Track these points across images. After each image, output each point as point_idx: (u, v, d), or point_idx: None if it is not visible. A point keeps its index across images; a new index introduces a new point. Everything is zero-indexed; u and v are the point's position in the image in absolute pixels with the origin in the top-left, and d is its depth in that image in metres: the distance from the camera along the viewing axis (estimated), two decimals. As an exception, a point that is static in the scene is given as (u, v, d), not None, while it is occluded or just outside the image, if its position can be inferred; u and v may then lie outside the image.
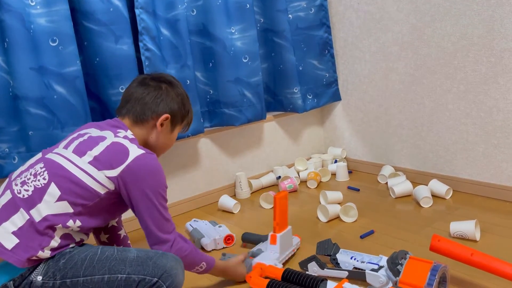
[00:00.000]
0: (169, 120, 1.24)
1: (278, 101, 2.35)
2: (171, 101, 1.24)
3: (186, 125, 1.33)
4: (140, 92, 1.22)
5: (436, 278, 1.11)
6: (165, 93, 1.24)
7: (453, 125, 1.95)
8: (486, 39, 1.77)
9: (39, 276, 1.00)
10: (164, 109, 1.22)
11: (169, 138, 1.28)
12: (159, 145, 1.27)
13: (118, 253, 1.04)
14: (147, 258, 1.03)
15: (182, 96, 1.27)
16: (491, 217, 1.70)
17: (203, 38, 2.02)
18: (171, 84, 1.27)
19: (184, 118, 1.29)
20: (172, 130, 1.27)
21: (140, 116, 1.21)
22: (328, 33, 2.37)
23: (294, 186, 2.19)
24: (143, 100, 1.22)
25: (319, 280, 1.21)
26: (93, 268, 1.01)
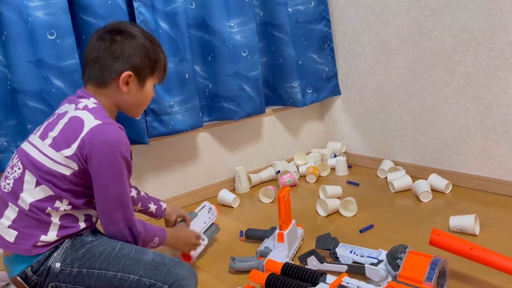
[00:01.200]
0: (133, 77, 1.11)
1: (277, 95, 2.34)
2: (131, 54, 1.09)
3: (159, 76, 1.19)
4: (95, 51, 1.10)
5: (435, 272, 1.11)
6: (121, 47, 1.09)
7: (453, 119, 1.95)
8: (486, 32, 1.76)
9: (57, 263, 1.02)
10: (123, 66, 1.09)
11: (141, 95, 1.15)
12: (132, 105, 1.16)
13: (135, 253, 1.04)
14: (161, 264, 1.02)
15: (144, 45, 1.11)
16: (490, 211, 1.70)
17: (202, 31, 2.01)
18: (128, 35, 1.11)
19: (154, 69, 1.15)
20: (143, 86, 1.14)
21: (100, 80, 1.10)
22: (328, 27, 2.36)
23: (294, 181, 2.19)
24: (99, 61, 1.09)
25: (318, 274, 1.21)
26: (108, 263, 1.02)
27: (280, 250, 1.44)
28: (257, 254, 1.46)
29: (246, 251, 1.58)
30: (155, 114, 1.83)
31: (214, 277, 1.42)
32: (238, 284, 1.35)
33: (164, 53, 1.18)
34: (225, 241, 1.67)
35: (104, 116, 1.06)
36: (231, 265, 1.43)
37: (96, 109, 1.07)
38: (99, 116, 1.04)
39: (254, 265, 1.41)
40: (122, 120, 1.73)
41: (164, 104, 1.84)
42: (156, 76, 1.17)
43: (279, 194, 1.44)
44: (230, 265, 1.43)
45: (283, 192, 1.45)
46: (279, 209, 1.44)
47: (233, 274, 1.43)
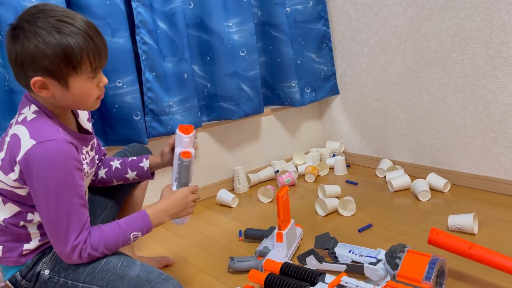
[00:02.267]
0: (49, 80, 0.92)
1: (275, 95, 2.34)
2: (34, 58, 0.89)
3: (90, 66, 0.94)
4: (8, 53, 0.94)
5: (434, 271, 1.11)
6: (21, 50, 0.90)
7: (451, 118, 1.95)
8: (484, 32, 1.76)
9: (46, 270, 1.01)
10: (30, 72, 0.91)
11: (71, 96, 0.95)
12: (70, 105, 1.00)
13: (121, 268, 0.99)
14: (146, 281, 0.96)
15: (47, 43, 0.89)
16: (489, 210, 1.70)
17: (200, 31, 2.01)
18: (28, 31, 0.89)
19: (74, 65, 0.91)
20: (67, 86, 0.94)
21: (20, 84, 0.96)
22: (326, 27, 2.36)
23: (292, 180, 2.19)
24: (10, 64, 0.94)
25: (317, 273, 1.21)
26: (93, 277, 0.98)
27: (279, 250, 1.44)
28: (256, 254, 1.46)
29: (245, 251, 1.58)
30: (154, 114, 1.83)
31: (213, 277, 1.42)
32: (237, 284, 1.35)
33: (85, 37, 0.92)
34: (224, 241, 1.68)
35: (42, 130, 0.94)
36: (230, 265, 1.43)
37: (35, 120, 0.95)
38: (36, 132, 0.93)
39: (253, 265, 1.41)
40: (118, 119, 1.76)
41: (163, 104, 1.84)
42: (84, 70, 0.94)
43: (278, 193, 1.44)
44: (229, 265, 1.43)
45: (282, 192, 1.45)
46: (278, 208, 1.45)
47: (232, 274, 1.43)
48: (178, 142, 1.17)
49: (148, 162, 1.27)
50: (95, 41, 0.94)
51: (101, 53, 0.96)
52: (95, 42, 0.94)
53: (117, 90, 1.72)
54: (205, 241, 1.69)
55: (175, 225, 1.85)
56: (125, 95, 1.74)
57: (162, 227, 1.85)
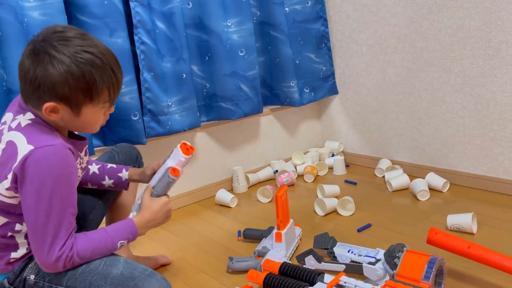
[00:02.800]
0: (62, 106, 0.93)
1: (275, 95, 2.34)
2: (54, 85, 0.90)
3: (105, 99, 0.96)
4: (20, 70, 0.94)
5: (433, 271, 1.11)
6: (41, 74, 0.90)
7: (450, 118, 1.95)
8: (483, 31, 1.76)
9: (32, 275, 1.01)
10: (45, 96, 0.91)
11: (79, 122, 0.97)
12: (73, 128, 1.01)
13: (103, 267, 0.98)
14: (129, 278, 0.95)
15: (71, 73, 0.89)
16: (488, 210, 1.70)
17: (199, 31, 2.00)
18: (52, 58, 0.90)
19: (92, 97, 0.93)
20: (78, 114, 0.95)
21: (27, 101, 0.96)
22: (325, 26, 2.36)
23: (291, 180, 2.18)
24: (22, 83, 0.94)
25: (316, 273, 1.21)
26: (75, 280, 0.97)
27: (278, 250, 1.44)
28: (255, 254, 1.46)
29: (244, 251, 1.58)
30: (152, 114, 1.83)
31: (212, 277, 1.42)
32: (236, 284, 1.35)
33: (108, 72, 0.94)
34: (223, 241, 1.67)
35: (40, 136, 0.93)
36: (229, 265, 1.43)
37: (31, 126, 0.94)
38: (33, 137, 0.92)
39: (252, 265, 1.41)
40: (117, 119, 1.75)
41: (161, 104, 1.84)
42: (99, 101, 0.96)
43: (276, 193, 1.43)
44: (228, 265, 1.43)
45: (281, 192, 1.45)
46: (277, 208, 1.44)
47: (231, 274, 1.43)
48: (174, 156, 1.17)
49: (127, 173, 1.26)
50: (116, 75, 0.96)
51: (119, 87, 0.99)
52: (117, 76, 0.96)
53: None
54: (204, 241, 1.69)
55: (174, 226, 1.85)
56: (123, 95, 1.73)
57: (161, 228, 1.84)
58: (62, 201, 0.92)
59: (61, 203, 0.92)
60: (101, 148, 1.82)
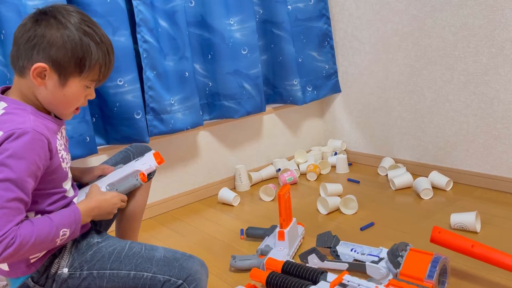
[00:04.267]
0: (50, 71, 0.93)
1: (277, 93, 2.33)
2: (51, 45, 0.91)
3: (93, 77, 0.98)
4: (18, 31, 0.95)
5: (436, 270, 1.11)
6: (42, 33, 0.91)
7: (454, 116, 1.94)
8: (487, 29, 1.75)
9: (65, 268, 1.01)
10: (38, 56, 0.92)
11: (61, 94, 0.96)
12: (51, 103, 0.98)
13: (146, 251, 1.03)
14: (173, 259, 1.01)
15: (71, 38, 0.92)
16: (491, 208, 1.69)
17: (201, 29, 2.00)
18: (58, 21, 0.93)
19: (82, 68, 0.95)
20: (64, 85, 0.95)
21: (15, 65, 0.95)
22: (327, 24, 2.35)
23: (294, 179, 2.18)
24: (17, 42, 0.94)
25: (319, 272, 1.20)
26: (120, 262, 1.01)
27: (280, 248, 1.44)
28: (257, 253, 1.46)
29: (247, 250, 1.58)
30: (155, 112, 1.83)
31: (215, 275, 1.42)
32: (239, 283, 1.35)
33: (104, 51, 0.98)
34: (225, 239, 1.67)
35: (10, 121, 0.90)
36: (232, 263, 1.43)
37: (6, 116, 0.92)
38: (4, 124, 0.90)
39: (255, 264, 1.41)
40: (119, 118, 1.75)
41: (164, 103, 1.84)
42: (87, 77, 0.97)
43: (279, 192, 1.43)
44: (230, 263, 1.43)
45: (284, 190, 1.44)
46: (280, 207, 1.44)
47: (233, 272, 1.43)
48: (145, 161, 1.18)
49: None
50: (110, 57, 1.00)
51: (110, 70, 1.01)
52: (110, 58, 1.00)
53: (118, 89, 1.72)
54: (206, 240, 1.69)
55: (177, 224, 1.85)
56: (126, 93, 1.73)
57: (163, 226, 1.85)
58: (14, 185, 0.87)
59: (13, 186, 0.87)
60: (104, 147, 1.83)
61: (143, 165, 1.17)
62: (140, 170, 1.16)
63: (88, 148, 1.68)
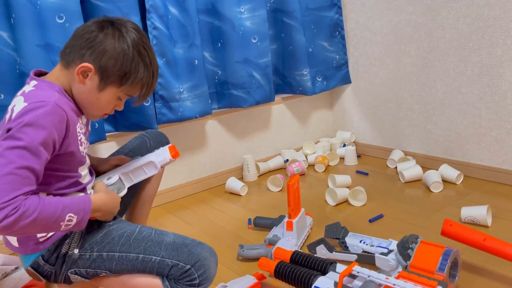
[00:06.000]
0: (95, 75, 0.97)
1: (287, 83, 2.31)
2: (105, 52, 0.96)
3: (129, 93, 1.03)
4: (81, 29, 1.00)
5: (448, 263, 1.10)
6: (101, 40, 0.96)
7: (466, 109, 1.91)
8: (502, 20, 1.71)
9: (75, 249, 1.03)
10: (90, 57, 0.96)
11: (95, 97, 1.00)
12: (83, 101, 1.01)
13: (155, 235, 1.04)
14: (182, 245, 1.01)
15: (124, 52, 0.97)
16: (503, 202, 1.67)
17: (211, 17, 1.98)
18: (119, 34, 0.98)
19: (122, 82, 0.99)
20: (101, 90, 0.99)
21: (65, 56, 0.99)
22: (339, 14, 2.32)
23: (302, 170, 2.17)
24: (75, 38, 0.99)
25: (328, 263, 1.19)
26: (129, 246, 1.02)
27: (289, 239, 1.43)
28: (265, 242, 1.45)
29: (254, 239, 1.57)
30: (164, 100, 1.82)
31: (222, 264, 1.41)
32: (247, 272, 1.34)
33: (150, 74, 1.02)
34: (233, 228, 1.67)
35: (36, 94, 0.93)
36: (240, 252, 1.42)
37: (32, 90, 0.95)
38: (30, 97, 0.92)
39: (263, 253, 1.40)
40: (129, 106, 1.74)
41: (173, 91, 1.82)
42: (123, 91, 1.02)
43: (288, 182, 1.42)
44: (238, 252, 1.43)
45: (293, 181, 1.43)
46: (289, 197, 1.43)
47: (241, 261, 1.43)
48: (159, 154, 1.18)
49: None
50: (153, 81, 1.05)
51: (150, 91, 1.06)
52: (153, 82, 1.05)
53: (128, 76, 1.71)
54: (214, 229, 1.68)
55: (185, 213, 1.85)
56: (135, 80, 1.72)
57: (172, 214, 1.85)
58: (29, 155, 0.87)
59: (28, 156, 0.87)
60: (112, 134, 1.82)
61: (157, 157, 1.18)
62: (154, 161, 1.17)
63: (97, 134, 1.67)
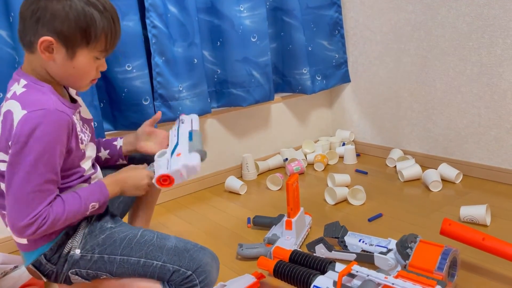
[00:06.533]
0: (58, 44, 0.92)
1: (286, 82, 2.31)
2: (54, 17, 0.90)
3: (101, 47, 0.96)
4: (23, 5, 0.94)
5: (447, 262, 1.10)
6: (45, 5, 0.90)
7: (465, 108, 1.91)
8: (502, 19, 1.71)
9: (77, 249, 1.02)
10: (43, 30, 0.90)
11: (71, 67, 0.95)
12: (63, 77, 0.97)
13: (157, 240, 1.02)
14: (184, 250, 1.01)
15: (74, 8, 0.90)
16: (502, 202, 1.67)
17: (211, 16, 1.97)
18: None
19: (88, 39, 0.93)
20: (72, 57, 0.94)
21: (25, 42, 0.94)
22: (338, 13, 2.31)
23: (301, 169, 2.17)
24: (22, 17, 0.93)
25: (327, 262, 1.19)
26: (130, 249, 1.01)
27: (288, 238, 1.43)
28: (265, 241, 1.45)
29: (254, 238, 1.57)
30: (163, 99, 1.81)
31: (221, 263, 1.39)
32: (246, 271, 1.34)
33: (109, 19, 0.95)
34: (232, 227, 1.67)
35: (33, 100, 0.91)
36: (239, 251, 1.42)
37: (25, 93, 0.93)
38: (27, 103, 0.91)
39: (262, 252, 1.40)
40: (127, 104, 1.74)
41: (172, 89, 1.82)
42: (94, 48, 0.95)
43: (287, 181, 1.42)
44: (237, 251, 1.43)
45: (292, 180, 1.43)
46: (288, 196, 1.43)
47: (240, 260, 1.43)
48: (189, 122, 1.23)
49: (121, 141, 1.26)
50: (116, 25, 0.98)
51: (117, 38, 0.99)
52: (116, 26, 0.98)
53: (127, 74, 1.71)
54: (213, 228, 1.68)
55: (183, 211, 1.85)
56: (134, 79, 1.72)
57: (171, 213, 1.84)
58: (44, 167, 0.90)
59: (43, 168, 0.90)
60: (112, 133, 1.82)
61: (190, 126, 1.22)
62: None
63: (96, 133, 1.66)
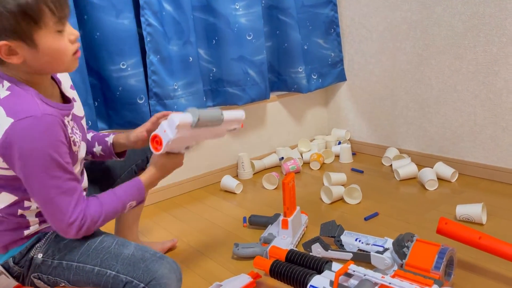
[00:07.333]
0: (12, 42, 0.85)
1: (282, 81, 2.30)
2: None
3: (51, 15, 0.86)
4: None
5: (443, 261, 1.09)
6: None
7: (461, 107, 1.92)
8: (498, 18, 1.71)
9: (40, 253, 0.99)
10: None
11: (42, 56, 0.88)
12: (42, 69, 0.92)
13: (115, 246, 0.97)
14: (141, 259, 0.94)
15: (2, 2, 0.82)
16: (497, 200, 1.67)
17: (206, 14, 1.96)
18: None
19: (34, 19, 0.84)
20: (34, 45, 0.87)
21: None
22: (334, 11, 2.31)
23: (297, 168, 2.16)
24: None
25: (324, 261, 1.19)
26: (87, 256, 0.96)
27: (284, 237, 1.42)
28: (261, 241, 1.45)
29: (250, 238, 1.56)
30: (158, 98, 1.80)
31: (217, 263, 1.41)
32: (242, 271, 1.33)
33: None
34: (228, 227, 1.66)
35: (18, 106, 0.88)
36: (235, 251, 1.41)
37: (10, 97, 0.89)
38: (12, 109, 0.87)
39: (258, 252, 1.39)
40: (122, 102, 1.73)
41: (167, 88, 1.81)
42: (47, 23, 0.86)
43: (284, 180, 1.41)
44: (233, 251, 1.42)
45: (288, 179, 1.42)
46: (284, 195, 1.42)
47: (236, 260, 1.42)
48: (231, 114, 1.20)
49: (112, 137, 1.21)
50: None
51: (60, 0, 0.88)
52: None
53: (121, 73, 1.69)
54: (209, 227, 1.67)
55: (179, 211, 1.84)
56: (129, 78, 1.70)
57: (166, 213, 1.83)
58: (56, 171, 0.89)
59: (56, 172, 0.89)
60: (107, 131, 1.80)
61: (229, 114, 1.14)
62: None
63: (90, 132, 1.65)
